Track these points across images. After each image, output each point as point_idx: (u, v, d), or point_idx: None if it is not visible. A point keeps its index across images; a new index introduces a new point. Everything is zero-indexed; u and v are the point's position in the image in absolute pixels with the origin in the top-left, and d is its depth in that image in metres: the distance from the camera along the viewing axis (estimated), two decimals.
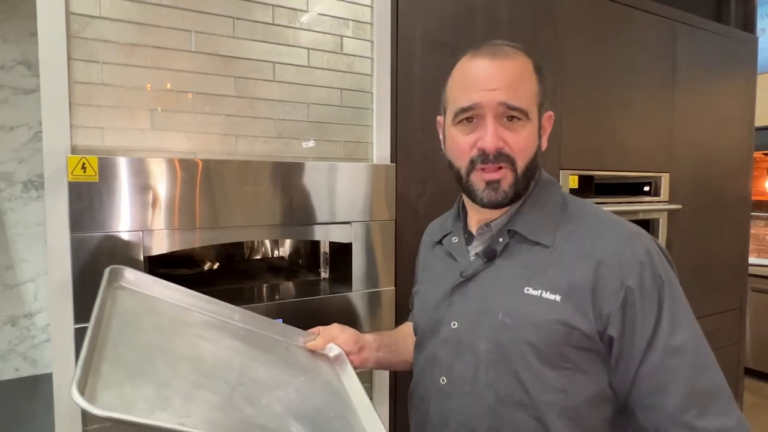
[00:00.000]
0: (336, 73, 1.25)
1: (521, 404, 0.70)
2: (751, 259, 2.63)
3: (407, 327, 1.04)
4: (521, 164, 0.73)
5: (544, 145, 0.78)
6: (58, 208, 0.94)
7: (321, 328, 0.94)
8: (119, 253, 0.97)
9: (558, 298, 0.69)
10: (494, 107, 0.71)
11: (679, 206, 1.99)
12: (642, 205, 1.92)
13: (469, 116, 0.74)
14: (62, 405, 0.96)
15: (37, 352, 1.51)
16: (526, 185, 0.76)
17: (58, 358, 0.95)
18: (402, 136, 1.35)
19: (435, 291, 0.84)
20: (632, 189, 1.93)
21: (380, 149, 1.30)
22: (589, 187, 1.77)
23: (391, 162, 1.32)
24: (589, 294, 0.68)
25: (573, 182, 1.72)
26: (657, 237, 1.98)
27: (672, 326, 0.67)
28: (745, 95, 2.29)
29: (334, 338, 0.92)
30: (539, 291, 0.71)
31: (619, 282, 0.67)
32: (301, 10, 1.20)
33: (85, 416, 1.01)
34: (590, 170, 1.78)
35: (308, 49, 1.21)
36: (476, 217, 0.83)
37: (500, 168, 0.73)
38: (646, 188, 1.96)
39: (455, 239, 0.85)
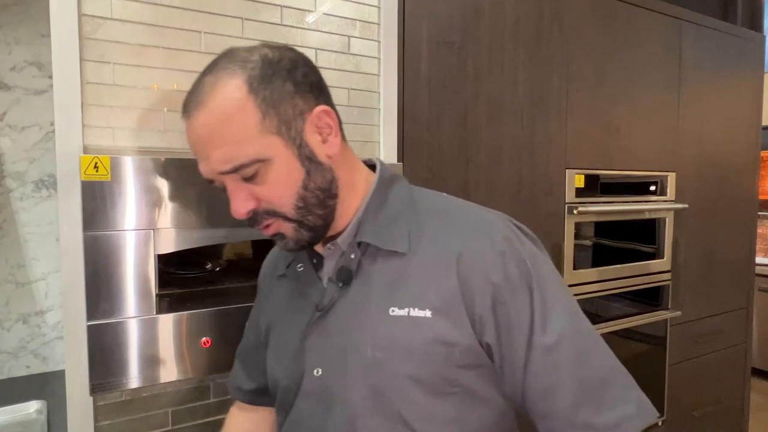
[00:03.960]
0: (343, 73, 1.26)
1: None
2: (758, 259, 2.62)
3: (235, 420, 0.86)
4: (289, 211, 0.60)
5: (332, 149, 0.62)
6: (70, 207, 0.96)
7: None
8: (130, 251, 0.98)
9: (428, 313, 0.59)
10: (220, 177, 0.59)
11: (686, 206, 1.99)
12: (648, 205, 1.92)
13: None
14: (75, 401, 0.98)
15: (48, 349, 1.53)
16: (323, 216, 0.62)
17: (70, 355, 0.97)
18: (408, 136, 1.36)
19: (288, 335, 0.68)
20: (638, 188, 1.93)
21: (387, 148, 1.31)
22: (594, 187, 1.78)
23: (398, 161, 1.32)
24: (459, 300, 0.59)
25: (579, 181, 1.73)
26: (663, 236, 1.98)
27: (545, 316, 0.59)
28: (753, 94, 2.28)
29: None
30: (406, 309, 0.60)
31: (483, 280, 0.59)
32: (308, 11, 1.21)
33: (97, 412, 1.03)
34: (596, 170, 1.78)
35: (316, 49, 1.22)
36: None
37: (273, 221, 0.61)
38: (652, 188, 1.96)
39: (300, 266, 0.69)
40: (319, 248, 0.68)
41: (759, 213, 2.42)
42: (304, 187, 0.60)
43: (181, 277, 1.24)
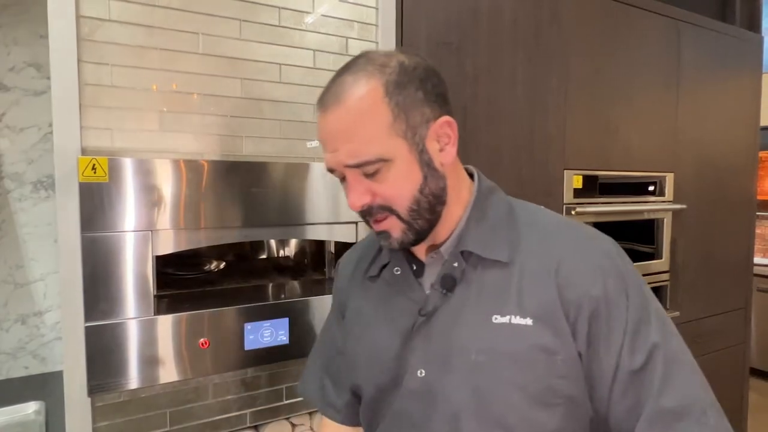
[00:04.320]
0: None
1: None
2: (757, 259, 2.63)
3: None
4: (402, 210, 0.63)
5: (447, 158, 0.65)
6: (69, 209, 0.96)
7: None
8: (128, 252, 0.98)
9: (530, 321, 0.61)
10: (343, 170, 0.63)
11: (684, 206, 1.99)
12: (646, 205, 1.92)
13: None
14: (73, 402, 0.98)
15: (46, 350, 1.53)
16: (431, 220, 0.65)
17: (69, 356, 0.97)
18: None
19: (386, 336, 0.70)
20: (637, 189, 1.93)
21: None
22: (593, 187, 1.78)
23: None
24: (559, 309, 0.61)
25: (577, 182, 1.73)
26: (662, 237, 1.98)
27: (637, 335, 0.61)
28: (751, 95, 2.28)
29: None
30: (508, 317, 0.62)
31: (581, 292, 0.61)
32: (306, 12, 1.21)
33: (96, 413, 1.03)
34: (594, 170, 1.78)
35: (314, 50, 1.22)
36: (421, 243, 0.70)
37: (386, 217, 0.64)
38: (651, 188, 1.96)
39: (398, 270, 0.71)
40: (420, 254, 0.71)
41: (757, 213, 2.42)
42: (420, 191, 0.63)
43: (179, 278, 1.25)
